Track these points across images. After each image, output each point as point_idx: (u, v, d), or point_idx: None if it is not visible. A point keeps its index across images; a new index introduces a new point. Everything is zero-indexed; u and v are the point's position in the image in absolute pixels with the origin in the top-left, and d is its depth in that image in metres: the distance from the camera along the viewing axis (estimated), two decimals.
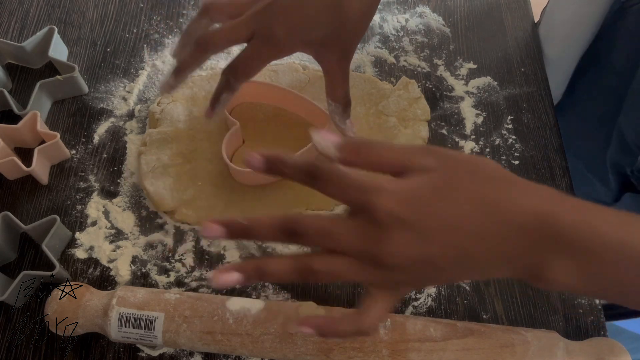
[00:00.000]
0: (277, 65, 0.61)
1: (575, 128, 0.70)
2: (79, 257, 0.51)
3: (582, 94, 0.69)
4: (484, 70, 0.63)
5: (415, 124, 0.57)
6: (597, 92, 0.67)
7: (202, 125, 0.57)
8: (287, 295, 0.50)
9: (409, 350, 0.43)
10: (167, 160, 0.55)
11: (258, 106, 0.58)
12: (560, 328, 0.49)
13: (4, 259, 0.51)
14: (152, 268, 0.51)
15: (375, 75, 0.62)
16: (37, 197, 0.54)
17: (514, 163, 0.57)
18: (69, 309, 0.45)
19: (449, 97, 0.61)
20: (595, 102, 0.67)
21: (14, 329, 0.48)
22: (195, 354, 0.47)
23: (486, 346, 0.44)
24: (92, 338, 0.48)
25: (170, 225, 0.53)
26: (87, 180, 0.55)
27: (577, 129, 0.70)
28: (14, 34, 0.64)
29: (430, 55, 0.63)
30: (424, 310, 0.50)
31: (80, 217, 0.53)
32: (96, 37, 0.64)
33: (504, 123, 0.59)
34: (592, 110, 0.68)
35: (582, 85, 0.69)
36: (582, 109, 0.70)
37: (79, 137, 0.58)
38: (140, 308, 0.45)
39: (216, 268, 0.35)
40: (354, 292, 0.50)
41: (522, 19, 0.67)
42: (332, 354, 0.44)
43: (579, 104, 0.70)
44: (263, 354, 0.45)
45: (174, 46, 0.50)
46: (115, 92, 0.60)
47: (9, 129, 0.54)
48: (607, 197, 0.71)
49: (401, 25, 0.66)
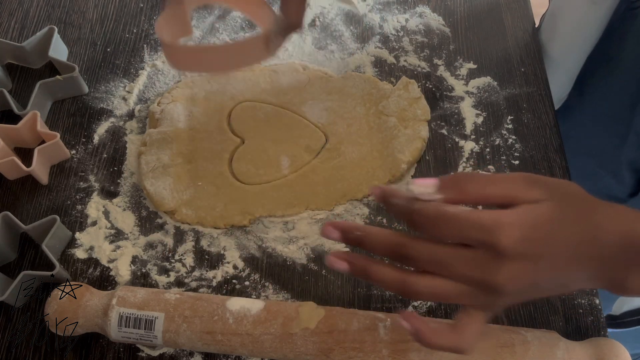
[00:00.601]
0: (277, 65, 0.61)
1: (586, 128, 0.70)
2: (79, 257, 0.51)
3: (593, 95, 0.69)
4: (484, 70, 0.63)
5: (415, 124, 0.57)
6: (608, 91, 0.67)
7: (202, 125, 0.57)
8: (287, 295, 0.50)
9: (409, 350, 0.43)
10: (167, 160, 0.55)
11: (258, 106, 0.58)
12: (560, 328, 0.49)
13: (4, 259, 0.51)
14: (152, 268, 0.51)
15: (375, 75, 0.62)
16: (37, 197, 0.54)
17: (514, 163, 0.57)
18: (69, 309, 0.45)
19: (449, 97, 0.61)
20: (607, 101, 0.67)
21: (14, 329, 0.48)
22: (195, 354, 0.47)
23: (486, 346, 0.44)
24: (92, 338, 0.48)
25: (170, 225, 0.53)
26: (87, 180, 0.55)
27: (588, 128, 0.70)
28: (14, 34, 0.64)
29: (430, 55, 0.63)
30: (424, 310, 0.50)
31: (80, 217, 0.53)
32: (96, 37, 0.64)
33: (504, 123, 0.59)
34: (604, 109, 0.68)
35: (591, 86, 0.69)
36: (593, 108, 0.70)
37: (79, 137, 0.58)
38: (140, 308, 0.45)
39: (329, 254, 0.38)
40: (354, 292, 0.50)
41: (522, 19, 0.67)
42: (332, 354, 0.44)
43: (589, 104, 0.70)
44: (263, 354, 0.45)
45: None
46: (115, 92, 0.60)
47: (9, 129, 0.54)
48: (621, 193, 0.71)
49: (401, 25, 0.66)
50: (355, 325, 0.44)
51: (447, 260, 0.34)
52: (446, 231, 0.34)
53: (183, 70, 0.58)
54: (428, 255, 0.34)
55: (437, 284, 0.35)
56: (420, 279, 0.35)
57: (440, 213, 0.34)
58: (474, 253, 0.34)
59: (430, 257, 0.34)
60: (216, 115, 0.58)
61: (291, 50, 0.63)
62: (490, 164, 0.57)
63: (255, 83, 0.60)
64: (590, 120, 0.71)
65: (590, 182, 0.72)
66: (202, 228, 0.53)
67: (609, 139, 0.68)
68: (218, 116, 0.58)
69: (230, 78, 0.60)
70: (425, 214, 0.34)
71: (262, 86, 0.60)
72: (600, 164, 0.71)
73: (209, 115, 0.58)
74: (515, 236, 0.33)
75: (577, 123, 0.71)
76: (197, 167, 0.55)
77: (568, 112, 0.73)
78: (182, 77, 0.61)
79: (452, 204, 0.35)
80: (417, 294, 0.35)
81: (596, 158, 0.71)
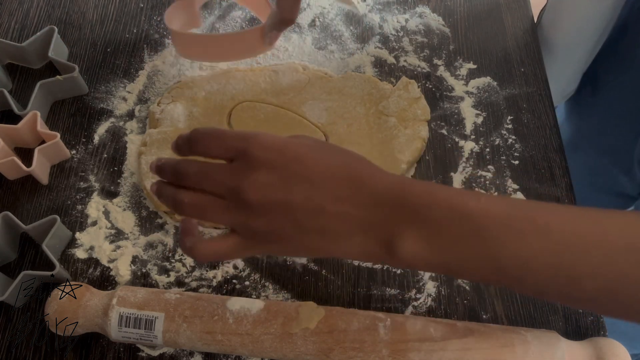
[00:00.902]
0: (277, 65, 0.61)
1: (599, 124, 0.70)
2: (79, 257, 0.51)
3: (606, 91, 0.69)
4: (484, 70, 0.63)
5: (415, 124, 0.57)
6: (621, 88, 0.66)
7: (202, 125, 0.57)
8: (287, 295, 0.50)
9: (409, 350, 0.43)
10: None
11: (258, 106, 0.58)
12: (560, 328, 0.49)
13: (4, 259, 0.51)
14: (152, 268, 0.51)
15: (375, 75, 0.62)
16: (37, 197, 0.54)
17: (514, 163, 0.57)
18: (69, 309, 0.45)
19: (449, 97, 0.61)
20: (620, 98, 0.67)
21: (14, 329, 0.48)
22: (195, 353, 0.47)
23: (486, 346, 0.44)
24: (92, 338, 0.48)
25: (170, 225, 0.53)
26: (87, 180, 0.55)
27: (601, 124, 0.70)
28: (14, 34, 0.64)
29: (430, 55, 0.64)
30: (424, 310, 0.50)
31: (80, 217, 0.53)
32: (96, 38, 0.64)
33: (504, 123, 0.59)
34: (617, 105, 0.68)
35: (605, 82, 0.69)
36: (606, 105, 0.70)
37: (79, 137, 0.58)
38: (141, 308, 0.45)
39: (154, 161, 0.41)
40: (354, 292, 0.50)
41: (522, 19, 0.67)
42: (332, 354, 0.44)
43: (602, 101, 0.70)
44: (263, 354, 0.45)
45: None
46: (115, 92, 0.61)
47: (9, 129, 0.54)
48: (632, 191, 0.71)
49: (401, 25, 0.66)
50: (355, 325, 0.44)
51: (208, 172, 0.37)
52: (212, 143, 0.38)
53: (189, 57, 0.60)
54: (195, 168, 0.38)
55: (199, 197, 0.38)
56: (187, 193, 0.38)
57: (209, 131, 0.38)
58: (231, 165, 0.37)
59: (196, 170, 0.38)
60: (216, 115, 0.58)
61: (291, 50, 0.63)
62: (490, 164, 0.57)
63: (255, 83, 0.60)
64: (604, 117, 0.70)
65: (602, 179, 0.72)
66: (202, 228, 0.53)
67: (621, 136, 0.67)
68: (218, 116, 0.58)
69: (230, 78, 0.60)
70: (194, 136, 0.38)
71: (262, 86, 0.60)
72: (613, 161, 0.71)
73: (209, 115, 0.58)
74: (266, 144, 0.36)
75: (590, 120, 0.71)
76: None
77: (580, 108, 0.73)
78: (182, 77, 0.61)
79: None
80: (182, 206, 0.38)
81: (608, 155, 0.71)
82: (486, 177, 0.56)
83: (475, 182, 0.56)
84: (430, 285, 0.51)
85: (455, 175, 0.56)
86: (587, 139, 0.60)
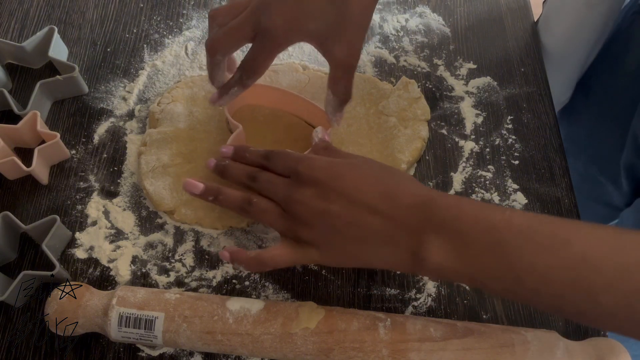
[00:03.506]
0: (277, 65, 0.61)
1: (589, 131, 0.70)
2: (79, 257, 0.51)
3: (597, 97, 0.69)
4: (484, 70, 0.63)
5: (415, 124, 0.57)
6: (611, 94, 0.67)
7: (202, 125, 0.57)
8: (287, 295, 0.50)
9: (409, 350, 0.43)
10: (167, 160, 0.55)
11: (258, 108, 0.58)
12: (560, 328, 0.49)
13: (4, 259, 0.51)
14: (152, 268, 0.51)
15: (375, 75, 0.62)
16: (37, 197, 0.54)
17: (514, 163, 0.57)
18: (69, 309, 0.45)
19: (449, 97, 0.61)
20: (610, 104, 0.67)
21: (14, 329, 0.48)
22: (195, 354, 0.47)
23: (486, 346, 0.44)
24: (92, 338, 0.48)
25: (170, 225, 0.53)
26: (87, 180, 0.55)
27: (591, 131, 0.70)
28: (14, 34, 0.64)
29: (430, 55, 0.63)
30: (424, 310, 0.50)
31: (80, 217, 0.53)
32: (96, 37, 0.64)
33: (504, 123, 0.59)
34: (607, 112, 0.68)
35: (596, 88, 0.69)
36: (596, 111, 0.70)
37: (79, 137, 0.58)
38: (140, 308, 0.45)
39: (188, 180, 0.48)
40: (354, 292, 0.50)
41: (522, 19, 0.67)
42: (332, 354, 0.44)
43: (593, 106, 0.70)
44: (263, 354, 0.45)
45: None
46: (115, 92, 0.61)
47: (9, 129, 0.54)
48: (619, 202, 0.71)
49: (401, 25, 0.66)
50: (355, 325, 0.44)
51: (273, 181, 0.45)
52: (278, 162, 0.46)
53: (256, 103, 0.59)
54: (265, 177, 0.46)
55: (264, 203, 0.45)
56: (254, 197, 0.45)
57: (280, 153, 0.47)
58: (289, 180, 0.45)
59: (265, 178, 0.46)
60: (216, 115, 0.58)
61: (291, 51, 0.63)
62: (490, 164, 0.57)
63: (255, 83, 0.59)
64: (594, 124, 0.70)
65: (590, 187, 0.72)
66: (202, 228, 0.53)
67: (609, 143, 0.67)
68: (218, 116, 0.58)
69: None
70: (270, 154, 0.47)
71: None
72: (601, 170, 0.71)
73: (209, 115, 0.58)
74: (313, 166, 0.44)
75: (581, 126, 0.71)
76: (197, 167, 0.55)
77: (572, 114, 0.73)
78: (182, 77, 0.61)
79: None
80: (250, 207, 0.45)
81: (597, 163, 0.71)
82: (486, 177, 0.56)
83: (475, 182, 0.56)
84: (430, 285, 0.51)
85: (455, 175, 0.56)
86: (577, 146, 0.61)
